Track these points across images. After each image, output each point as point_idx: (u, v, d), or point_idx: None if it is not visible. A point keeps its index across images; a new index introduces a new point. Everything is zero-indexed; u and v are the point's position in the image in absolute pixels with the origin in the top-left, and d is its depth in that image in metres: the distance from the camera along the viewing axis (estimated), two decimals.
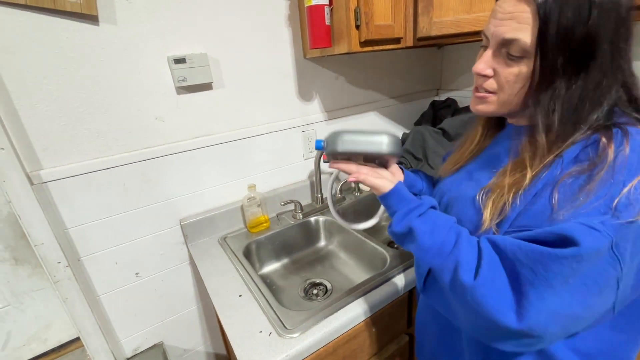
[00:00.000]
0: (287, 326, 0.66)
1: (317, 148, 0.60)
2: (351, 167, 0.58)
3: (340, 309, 0.70)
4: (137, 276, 0.98)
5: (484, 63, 0.47)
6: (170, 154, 0.93)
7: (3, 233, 0.86)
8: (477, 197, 0.50)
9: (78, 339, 1.01)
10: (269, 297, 0.75)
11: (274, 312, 0.70)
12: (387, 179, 0.56)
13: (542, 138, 0.43)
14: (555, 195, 0.40)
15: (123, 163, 0.87)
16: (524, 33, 0.41)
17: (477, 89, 0.51)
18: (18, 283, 0.91)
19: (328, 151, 0.57)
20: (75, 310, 0.88)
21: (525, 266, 0.38)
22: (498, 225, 0.45)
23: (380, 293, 0.74)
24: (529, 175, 0.44)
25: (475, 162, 0.60)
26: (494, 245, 0.43)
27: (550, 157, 0.43)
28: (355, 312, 0.69)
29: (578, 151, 0.42)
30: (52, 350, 1.03)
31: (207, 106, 0.95)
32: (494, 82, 0.47)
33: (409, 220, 0.50)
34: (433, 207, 0.53)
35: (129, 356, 1.03)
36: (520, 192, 0.44)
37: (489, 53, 0.47)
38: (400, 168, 0.72)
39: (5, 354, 0.95)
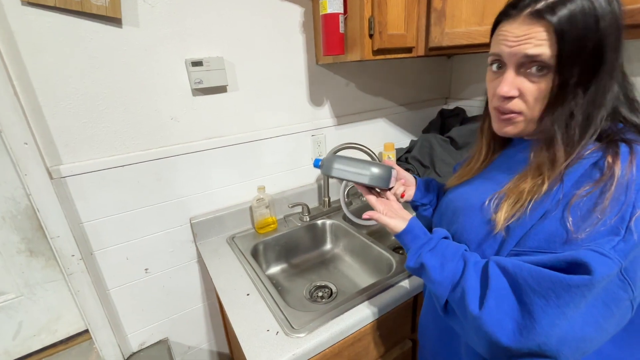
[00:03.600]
0: (294, 326, 0.68)
1: (315, 166, 0.69)
2: (371, 198, 0.64)
3: (346, 311, 0.71)
4: (146, 272, 1.00)
5: (508, 85, 0.46)
6: (183, 153, 0.95)
7: (21, 225, 0.88)
8: (487, 203, 0.51)
9: (86, 331, 1.03)
10: (276, 297, 0.76)
11: (281, 311, 0.72)
12: (401, 218, 0.59)
13: (559, 147, 0.44)
14: (569, 218, 0.40)
15: (138, 161, 0.89)
16: (545, 48, 0.42)
17: (500, 111, 0.50)
18: (32, 274, 0.93)
19: (323, 172, 0.65)
20: (86, 303, 0.90)
21: (536, 293, 0.38)
22: (508, 230, 0.46)
23: (386, 297, 0.75)
24: (546, 183, 0.44)
25: (483, 176, 0.61)
26: (504, 271, 0.43)
27: (562, 168, 0.44)
28: (361, 315, 0.71)
29: (579, 175, 0.43)
30: (61, 342, 1.04)
31: (220, 108, 0.97)
32: (520, 102, 0.47)
33: (420, 256, 0.52)
34: (445, 237, 0.55)
35: (135, 350, 1.05)
36: (535, 199, 0.44)
37: (510, 74, 0.46)
38: (415, 177, 0.74)
39: (15, 343, 0.97)
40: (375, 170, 0.62)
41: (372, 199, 0.64)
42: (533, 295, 0.39)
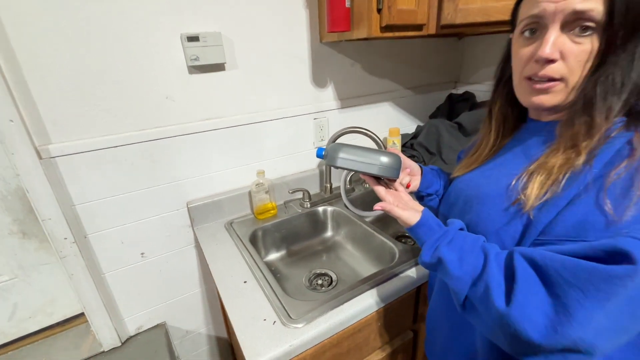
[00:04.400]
0: (291, 316, 0.65)
1: (317, 156, 0.63)
2: (380, 190, 0.59)
3: (347, 301, 0.68)
4: (142, 256, 0.97)
5: (551, 45, 0.41)
6: (179, 134, 0.91)
7: (12, 206, 0.85)
8: (513, 183, 0.46)
9: (83, 314, 1.02)
10: (274, 285, 0.73)
11: (279, 300, 0.69)
12: (414, 209, 0.54)
13: (600, 112, 0.40)
14: (606, 201, 0.37)
15: (132, 142, 0.85)
16: (596, 3, 0.38)
17: (533, 81, 0.46)
18: (25, 256, 0.91)
19: (327, 163, 0.60)
20: (80, 287, 0.88)
21: (572, 285, 0.35)
22: (531, 216, 0.42)
23: (389, 287, 0.72)
24: (583, 154, 0.40)
25: (494, 161, 0.57)
26: (532, 262, 0.39)
27: (601, 134, 0.40)
28: (362, 305, 0.68)
29: (610, 155, 0.39)
30: (58, 324, 1.04)
31: (218, 88, 0.93)
32: (562, 65, 0.42)
33: (438, 250, 0.48)
34: (461, 229, 0.51)
35: (132, 334, 1.04)
36: (569, 176, 0.40)
37: (553, 33, 0.41)
38: (420, 166, 0.69)
39: (11, 324, 0.96)
40: (385, 159, 0.57)
41: (381, 190, 0.59)
42: (568, 288, 0.35)
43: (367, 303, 0.69)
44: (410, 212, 0.54)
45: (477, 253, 0.44)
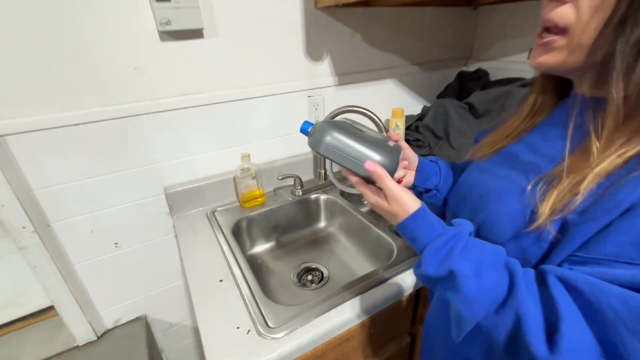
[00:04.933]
0: (270, 324, 0.56)
1: (301, 131, 0.50)
2: (367, 194, 0.46)
3: (334, 307, 0.59)
4: (116, 246, 0.89)
5: None
6: (152, 112, 0.80)
7: None
8: (529, 189, 0.36)
9: None
10: (254, 286, 0.65)
11: (257, 305, 0.60)
12: (412, 198, 0.42)
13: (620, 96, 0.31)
14: None
15: (97, 119, 0.75)
16: None
17: (541, 36, 0.37)
18: None
19: (309, 145, 0.47)
20: (46, 279, 0.80)
21: (635, 332, 0.25)
22: (565, 225, 0.33)
23: (383, 292, 0.63)
24: (613, 158, 0.31)
25: (521, 144, 0.46)
26: (574, 291, 0.29)
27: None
28: (351, 314, 0.59)
29: None
30: (31, 315, 0.98)
31: (197, 58, 0.81)
32: (571, 10, 0.33)
33: (449, 259, 0.36)
34: (470, 234, 0.40)
35: (109, 327, 0.97)
36: (613, 179, 0.31)
37: None
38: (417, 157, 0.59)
39: None
40: (379, 158, 0.44)
41: (368, 194, 0.45)
42: (631, 338, 0.25)
43: (356, 311, 0.59)
44: (408, 197, 0.42)
45: (500, 270, 0.34)
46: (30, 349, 0.91)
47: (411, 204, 0.41)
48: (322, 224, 1.03)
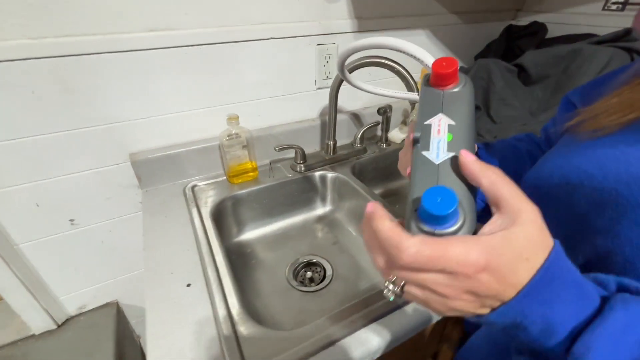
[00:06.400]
0: (245, 356, 0.40)
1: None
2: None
3: (338, 339, 0.42)
4: (72, 224, 0.72)
5: None
6: (107, 51, 0.59)
7: None
8: None
9: None
10: (234, 295, 0.47)
11: (233, 326, 0.43)
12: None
13: None
14: None
15: (25, 56, 0.54)
16: None
17: None
18: None
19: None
20: None
21: None
22: None
23: (405, 317, 0.45)
24: None
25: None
26: None
27: None
28: (362, 350, 0.42)
29: None
30: None
31: None
32: None
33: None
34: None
35: (72, 315, 0.83)
36: None
37: None
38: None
39: None
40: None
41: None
42: None
43: (369, 344, 0.42)
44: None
45: None
46: None
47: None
48: (327, 207, 0.84)
